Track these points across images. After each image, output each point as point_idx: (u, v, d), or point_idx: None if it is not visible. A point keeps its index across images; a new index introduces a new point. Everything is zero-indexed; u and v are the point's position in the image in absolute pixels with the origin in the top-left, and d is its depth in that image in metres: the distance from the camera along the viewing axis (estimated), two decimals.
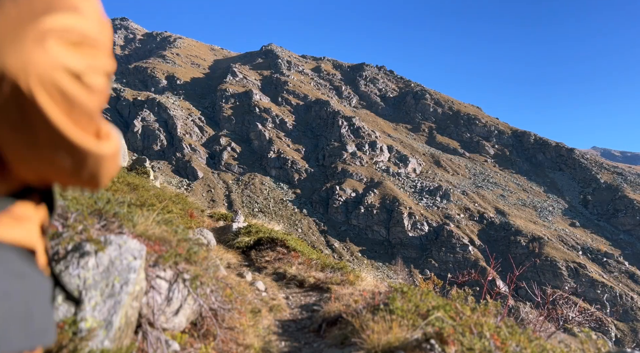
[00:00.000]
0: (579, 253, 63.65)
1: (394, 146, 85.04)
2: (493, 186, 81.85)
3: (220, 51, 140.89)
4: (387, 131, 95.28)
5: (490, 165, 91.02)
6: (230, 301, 3.97)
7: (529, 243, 62.46)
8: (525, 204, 77.62)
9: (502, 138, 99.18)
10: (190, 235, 5.41)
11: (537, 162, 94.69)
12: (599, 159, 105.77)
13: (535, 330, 3.74)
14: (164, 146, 77.38)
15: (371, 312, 3.79)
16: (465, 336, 2.87)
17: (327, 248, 58.40)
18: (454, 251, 60.32)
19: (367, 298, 4.66)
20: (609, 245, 68.38)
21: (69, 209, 2.95)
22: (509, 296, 4.85)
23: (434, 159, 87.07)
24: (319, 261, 7.23)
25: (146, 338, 2.63)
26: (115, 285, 2.36)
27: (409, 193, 73.04)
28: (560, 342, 3.87)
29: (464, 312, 3.51)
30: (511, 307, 5.07)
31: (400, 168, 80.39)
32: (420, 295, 4.07)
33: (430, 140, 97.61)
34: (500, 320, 3.64)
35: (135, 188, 6.94)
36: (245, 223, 9.82)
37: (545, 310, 4.47)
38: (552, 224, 72.08)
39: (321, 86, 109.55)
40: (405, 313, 3.53)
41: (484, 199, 74.73)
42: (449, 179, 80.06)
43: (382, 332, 3.26)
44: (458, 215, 68.21)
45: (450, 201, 71.61)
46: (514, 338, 2.96)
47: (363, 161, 78.55)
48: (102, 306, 2.25)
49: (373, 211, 66.60)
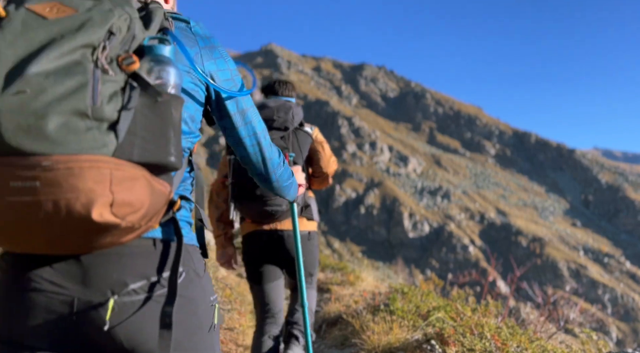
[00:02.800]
0: (580, 254, 63.62)
1: (394, 146, 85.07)
2: (494, 186, 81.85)
3: None
4: (388, 130, 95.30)
5: (491, 165, 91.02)
6: (229, 302, 3.95)
7: (530, 243, 62.42)
8: (526, 205, 77.59)
9: (503, 138, 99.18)
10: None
11: (538, 162, 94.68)
12: (600, 159, 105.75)
13: (536, 331, 3.73)
14: None
15: (371, 312, 3.78)
16: (466, 337, 2.86)
17: (327, 248, 58.38)
18: (454, 252, 60.31)
19: (367, 298, 4.65)
20: (610, 245, 68.33)
21: None
22: (510, 297, 4.83)
23: (434, 159, 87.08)
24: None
25: None
26: None
27: (409, 193, 73.06)
28: (561, 343, 3.85)
29: (464, 312, 3.50)
30: (512, 308, 5.06)
31: (401, 167, 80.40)
32: (421, 295, 4.06)
33: (431, 140, 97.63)
34: (501, 321, 3.62)
35: None
36: None
37: (546, 311, 4.46)
38: (553, 224, 72.05)
39: (321, 85, 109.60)
40: (406, 313, 3.52)
41: (485, 200, 74.73)
42: (449, 179, 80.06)
43: (382, 332, 3.25)
44: (459, 215, 68.22)
45: (451, 201, 71.62)
46: (515, 339, 2.95)
47: (363, 161, 78.57)
48: None
49: (373, 211, 66.60)
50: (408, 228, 64.15)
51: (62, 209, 0.72)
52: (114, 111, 0.75)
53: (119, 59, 0.79)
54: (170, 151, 0.83)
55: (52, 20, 0.77)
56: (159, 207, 0.84)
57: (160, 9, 0.91)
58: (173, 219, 0.95)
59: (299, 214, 2.47)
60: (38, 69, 0.72)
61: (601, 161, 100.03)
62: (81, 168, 0.71)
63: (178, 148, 0.85)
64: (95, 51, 0.76)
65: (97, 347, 0.89)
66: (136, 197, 0.78)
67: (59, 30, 0.76)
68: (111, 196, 0.74)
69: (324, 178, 2.71)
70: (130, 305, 0.87)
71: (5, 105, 0.69)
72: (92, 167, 0.72)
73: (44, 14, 0.78)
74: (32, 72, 0.71)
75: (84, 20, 0.78)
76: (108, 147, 0.74)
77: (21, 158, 0.70)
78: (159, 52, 0.85)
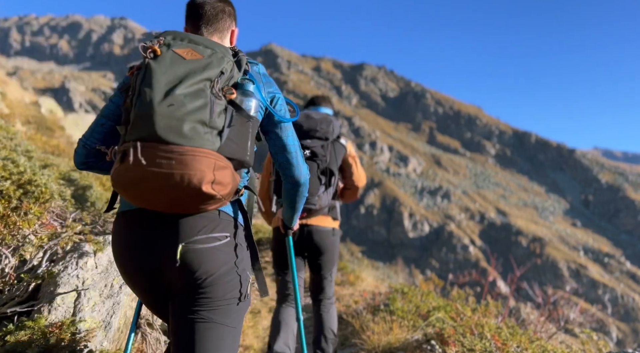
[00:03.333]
0: (580, 254, 63.57)
1: (394, 146, 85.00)
2: (494, 186, 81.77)
3: None
4: (388, 130, 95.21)
5: (491, 165, 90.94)
6: None
7: (530, 243, 62.37)
8: (526, 205, 77.52)
9: (503, 138, 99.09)
10: None
11: (538, 162, 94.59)
12: (600, 159, 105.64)
13: (536, 331, 3.73)
14: None
15: (371, 312, 3.77)
16: (466, 337, 2.86)
17: None
18: (454, 252, 60.26)
19: (367, 298, 4.65)
20: (610, 245, 68.27)
21: (68, 209, 2.94)
22: (510, 297, 4.83)
23: (434, 159, 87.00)
24: None
25: (145, 339, 2.62)
26: (114, 285, 2.35)
27: (409, 193, 73.00)
28: (561, 343, 3.85)
29: (464, 312, 3.50)
30: (512, 308, 5.05)
31: (401, 167, 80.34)
32: (421, 295, 4.06)
33: (431, 140, 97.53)
34: (501, 321, 3.62)
35: None
36: None
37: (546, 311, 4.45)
38: (553, 224, 71.98)
39: (321, 85, 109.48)
40: (406, 313, 3.52)
41: (485, 200, 74.67)
42: (449, 179, 80.00)
43: (382, 332, 3.25)
44: (459, 215, 68.15)
45: (451, 201, 71.56)
46: (515, 339, 2.95)
47: (363, 161, 78.50)
48: (101, 307, 2.24)
49: (373, 211, 66.56)
50: (408, 228, 64.10)
51: (185, 181, 1.15)
52: (221, 123, 1.23)
53: (223, 90, 1.27)
54: (248, 152, 1.32)
55: (188, 61, 1.25)
56: (234, 191, 1.28)
57: (244, 57, 1.41)
58: (238, 201, 1.42)
59: (326, 214, 2.82)
60: (180, 92, 1.18)
61: (601, 161, 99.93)
62: (200, 157, 1.16)
63: (252, 152, 1.35)
64: (212, 83, 1.24)
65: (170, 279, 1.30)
66: (226, 180, 1.22)
67: (192, 68, 1.23)
68: (213, 177, 1.18)
69: (354, 190, 3.00)
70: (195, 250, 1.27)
71: (161, 111, 1.16)
72: (205, 157, 1.17)
73: (183, 55, 1.26)
74: (177, 93, 1.18)
75: (207, 63, 1.26)
76: (215, 145, 1.20)
77: (164, 145, 1.15)
78: (246, 88, 1.36)
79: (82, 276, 2.27)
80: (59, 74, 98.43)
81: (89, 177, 4.38)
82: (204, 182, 1.15)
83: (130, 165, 1.15)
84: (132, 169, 1.16)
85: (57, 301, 2.13)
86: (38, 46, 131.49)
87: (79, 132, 11.62)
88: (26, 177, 2.42)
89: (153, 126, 1.15)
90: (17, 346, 1.85)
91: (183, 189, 1.16)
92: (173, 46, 1.28)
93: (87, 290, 2.23)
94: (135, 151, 1.14)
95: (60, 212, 2.85)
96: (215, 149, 1.19)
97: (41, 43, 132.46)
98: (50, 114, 11.34)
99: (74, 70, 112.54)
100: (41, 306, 2.11)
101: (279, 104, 1.55)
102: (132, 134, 1.18)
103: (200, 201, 1.21)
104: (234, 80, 1.33)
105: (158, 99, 1.16)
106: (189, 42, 1.32)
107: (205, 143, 1.18)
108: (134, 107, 1.20)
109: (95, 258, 2.38)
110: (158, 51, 1.25)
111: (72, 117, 12.76)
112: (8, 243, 2.21)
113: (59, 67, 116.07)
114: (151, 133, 1.15)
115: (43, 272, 2.23)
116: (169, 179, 1.14)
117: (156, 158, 1.14)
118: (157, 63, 1.22)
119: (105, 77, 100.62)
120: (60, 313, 2.11)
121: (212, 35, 1.54)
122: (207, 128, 1.19)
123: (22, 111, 8.21)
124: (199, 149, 1.16)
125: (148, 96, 1.17)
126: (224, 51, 1.33)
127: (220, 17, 1.55)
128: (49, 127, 8.98)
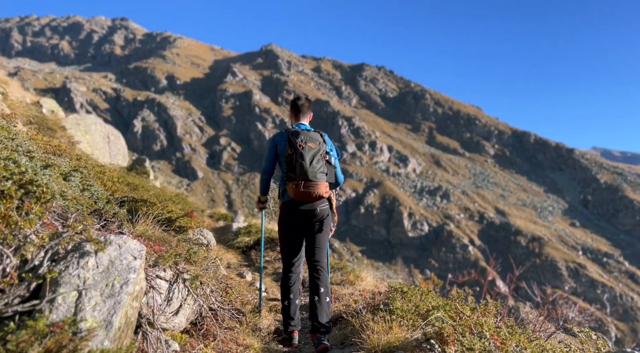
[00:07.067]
0: (579, 253, 63.67)
1: (394, 146, 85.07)
2: (493, 186, 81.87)
3: (220, 51, 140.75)
4: (387, 131, 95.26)
5: (490, 165, 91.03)
6: (229, 302, 3.97)
7: (529, 243, 62.46)
8: (525, 205, 77.62)
9: (502, 138, 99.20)
10: (190, 234, 5.41)
11: (537, 162, 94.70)
12: (599, 159, 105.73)
13: (535, 330, 3.74)
14: (164, 146, 77.38)
15: (371, 312, 3.79)
16: (465, 336, 2.87)
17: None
18: (454, 251, 60.32)
19: (367, 298, 4.66)
20: (609, 245, 68.38)
21: (69, 209, 2.95)
22: (509, 297, 4.84)
23: (434, 159, 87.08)
24: None
25: (146, 338, 2.63)
26: (115, 285, 2.36)
27: (409, 193, 73.06)
28: (560, 342, 3.86)
29: (464, 312, 3.51)
30: (511, 307, 5.07)
31: (400, 168, 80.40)
32: (420, 295, 4.07)
33: (430, 140, 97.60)
34: (500, 320, 3.64)
35: (135, 188, 6.94)
36: (245, 223, 9.81)
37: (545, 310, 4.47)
38: (552, 224, 72.09)
39: (321, 86, 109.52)
40: (405, 313, 3.53)
41: (484, 199, 74.75)
42: (449, 179, 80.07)
43: (382, 332, 3.26)
44: (458, 215, 68.22)
45: (450, 201, 71.63)
46: (514, 338, 2.96)
47: (363, 161, 78.56)
48: (102, 306, 2.25)
49: (373, 211, 66.61)
50: (407, 227, 64.17)
51: (317, 194, 3.65)
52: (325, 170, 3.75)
53: (324, 156, 3.78)
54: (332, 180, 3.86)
55: (313, 148, 3.71)
56: (327, 194, 3.76)
57: (325, 134, 3.94)
58: (328, 198, 3.92)
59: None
60: (314, 164, 3.67)
61: (600, 161, 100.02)
62: (322, 185, 3.67)
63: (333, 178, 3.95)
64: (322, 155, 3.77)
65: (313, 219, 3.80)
66: (327, 192, 3.73)
67: (316, 151, 3.71)
68: (325, 192, 3.71)
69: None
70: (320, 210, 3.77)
71: (310, 171, 3.63)
72: (323, 185, 3.68)
73: (311, 146, 3.70)
74: (313, 163, 3.66)
75: (320, 147, 3.76)
76: (326, 179, 3.73)
77: (310, 181, 3.63)
78: (329, 151, 3.87)
79: (83, 276, 2.28)
80: (60, 74, 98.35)
81: (90, 177, 4.38)
82: (322, 193, 3.65)
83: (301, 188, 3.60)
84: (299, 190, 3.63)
85: (58, 300, 2.14)
86: (39, 46, 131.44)
87: (79, 132, 11.65)
88: (27, 177, 2.43)
89: (307, 175, 3.58)
90: (18, 345, 1.86)
91: (316, 195, 3.63)
92: (308, 142, 3.67)
93: (88, 290, 2.24)
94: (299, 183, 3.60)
95: (62, 212, 2.86)
96: (325, 181, 3.67)
97: (42, 44, 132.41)
98: (51, 115, 11.35)
99: (75, 70, 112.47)
100: (42, 306, 2.12)
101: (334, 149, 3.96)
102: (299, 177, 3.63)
103: (321, 198, 3.69)
104: (325, 148, 3.76)
105: (307, 165, 3.59)
106: (309, 140, 3.68)
107: (323, 178, 3.66)
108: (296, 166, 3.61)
109: (96, 258, 2.39)
110: (304, 146, 3.64)
111: (74, 118, 12.77)
112: (9, 242, 2.22)
113: (60, 68, 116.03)
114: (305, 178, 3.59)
115: (44, 272, 2.24)
116: (311, 193, 3.60)
117: (306, 187, 3.59)
118: (304, 151, 3.62)
119: (106, 77, 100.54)
120: (61, 313, 2.12)
121: (305, 119, 4.06)
122: (322, 174, 3.65)
123: (23, 112, 8.24)
124: (321, 182, 3.64)
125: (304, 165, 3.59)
126: (322, 138, 3.80)
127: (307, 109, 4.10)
128: (50, 128, 9.00)
